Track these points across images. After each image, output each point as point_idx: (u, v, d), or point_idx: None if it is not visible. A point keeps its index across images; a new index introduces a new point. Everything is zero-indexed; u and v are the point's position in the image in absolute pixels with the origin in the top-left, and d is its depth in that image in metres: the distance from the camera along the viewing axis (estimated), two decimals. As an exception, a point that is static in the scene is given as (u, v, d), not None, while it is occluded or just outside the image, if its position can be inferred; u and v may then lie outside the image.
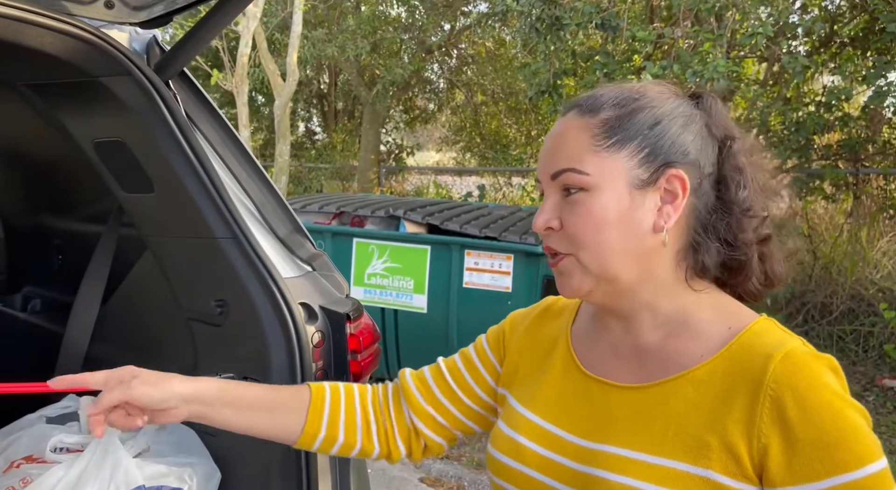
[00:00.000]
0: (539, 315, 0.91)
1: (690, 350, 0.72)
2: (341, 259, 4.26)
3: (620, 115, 0.73)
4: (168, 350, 1.62)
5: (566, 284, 0.75)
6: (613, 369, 0.78)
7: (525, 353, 0.88)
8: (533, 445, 0.78)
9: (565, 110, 0.77)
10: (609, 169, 0.71)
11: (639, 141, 0.72)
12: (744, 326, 0.71)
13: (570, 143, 0.73)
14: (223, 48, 7.81)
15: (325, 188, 9.84)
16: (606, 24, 5.14)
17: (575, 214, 0.72)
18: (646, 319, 0.76)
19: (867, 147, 5.47)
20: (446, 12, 9.78)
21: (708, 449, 0.66)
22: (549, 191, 0.75)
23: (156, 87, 1.36)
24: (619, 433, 0.72)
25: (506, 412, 0.85)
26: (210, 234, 1.40)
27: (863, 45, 5.32)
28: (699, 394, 0.69)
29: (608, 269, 0.72)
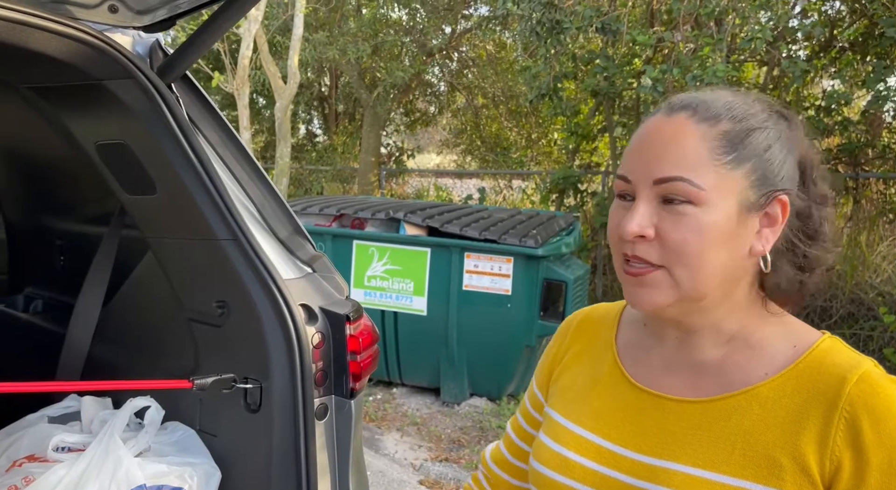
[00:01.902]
0: (580, 325, 0.89)
1: (753, 367, 0.71)
2: (341, 261, 4.27)
3: (738, 131, 0.69)
4: (169, 351, 1.63)
5: (646, 297, 0.70)
6: (666, 383, 0.75)
7: (567, 366, 0.86)
8: (583, 460, 0.76)
9: (670, 110, 0.72)
10: (725, 186, 0.68)
11: (754, 162, 0.69)
12: (809, 345, 0.70)
13: (687, 150, 0.68)
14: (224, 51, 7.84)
15: (326, 190, 9.86)
16: (607, 27, 5.16)
17: (681, 227, 0.67)
18: (709, 336, 0.73)
19: (867, 151, 5.49)
20: (447, 15, 9.81)
21: (780, 469, 0.65)
22: (645, 194, 0.69)
23: (158, 90, 1.38)
24: (681, 449, 0.70)
25: (548, 425, 0.82)
26: (211, 236, 1.41)
27: (862, 50, 5.34)
28: (767, 412, 0.68)
29: (699, 288, 0.69)
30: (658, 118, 0.72)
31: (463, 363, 4.09)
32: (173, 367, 1.54)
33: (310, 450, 1.37)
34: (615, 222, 0.72)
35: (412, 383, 4.40)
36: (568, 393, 0.83)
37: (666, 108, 0.73)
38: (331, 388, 1.45)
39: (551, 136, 9.75)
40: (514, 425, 0.95)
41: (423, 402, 4.24)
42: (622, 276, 0.72)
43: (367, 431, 3.79)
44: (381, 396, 4.29)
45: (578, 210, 6.67)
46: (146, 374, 1.54)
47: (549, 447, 0.79)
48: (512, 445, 0.93)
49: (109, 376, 1.61)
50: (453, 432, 3.80)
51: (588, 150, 7.62)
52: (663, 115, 0.72)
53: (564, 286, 4.03)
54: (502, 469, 0.94)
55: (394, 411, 4.09)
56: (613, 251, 0.73)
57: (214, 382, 1.36)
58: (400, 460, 3.53)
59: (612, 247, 0.74)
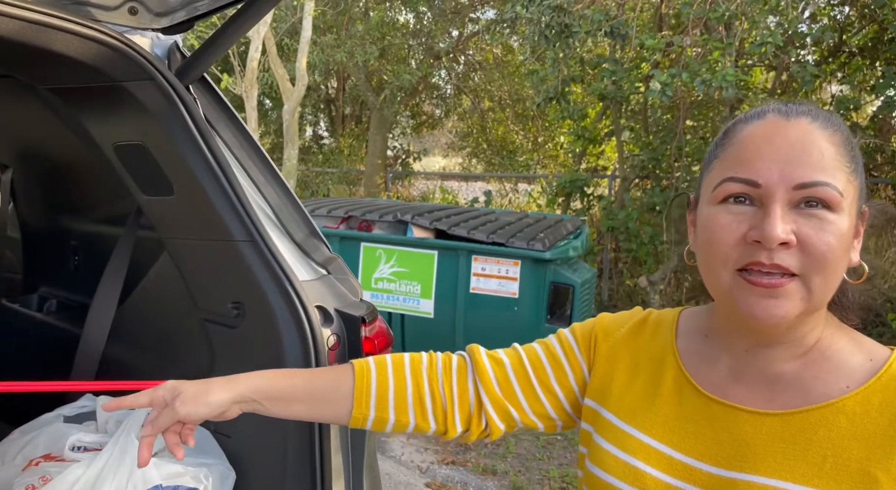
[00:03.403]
0: (636, 326, 0.85)
1: (832, 381, 0.70)
2: (349, 263, 4.24)
3: (852, 142, 0.70)
4: (184, 351, 1.63)
5: (778, 310, 0.66)
6: (736, 393, 0.73)
7: (620, 366, 0.83)
8: (653, 471, 0.73)
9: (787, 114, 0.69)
10: (851, 193, 0.67)
11: (861, 173, 0.70)
12: (885, 359, 0.70)
13: (824, 154, 0.66)
14: (233, 53, 7.87)
15: (332, 192, 9.88)
16: (615, 31, 5.16)
17: (825, 232, 0.65)
18: (787, 349, 0.72)
19: (876, 157, 5.47)
20: (454, 19, 9.83)
21: (876, 483, 0.64)
22: (781, 198, 0.65)
23: (177, 92, 1.38)
24: (763, 462, 0.68)
25: (607, 431, 0.79)
26: (228, 237, 1.41)
27: (872, 55, 5.32)
28: (856, 425, 0.67)
29: (825, 298, 0.67)
30: (773, 121, 0.69)
31: (470, 366, 4.09)
32: (188, 368, 1.55)
33: (325, 452, 1.37)
34: (733, 229, 0.67)
35: (419, 386, 4.40)
36: (626, 397, 0.80)
37: (778, 113, 0.69)
38: (345, 391, 1.45)
39: (558, 139, 9.75)
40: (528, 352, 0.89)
41: (430, 404, 4.24)
42: (740, 286, 0.67)
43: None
44: (387, 399, 4.29)
45: (585, 214, 6.67)
46: (161, 375, 1.54)
47: (613, 454, 0.76)
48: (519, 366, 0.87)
49: (124, 376, 1.61)
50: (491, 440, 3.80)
51: (595, 154, 7.61)
52: (778, 117, 0.69)
53: (572, 290, 4.03)
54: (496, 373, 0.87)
55: (400, 414, 4.08)
56: (723, 259, 0.68)
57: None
58: (406, 463, 3.53)
59: (723, 254, 0.68)
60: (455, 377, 0.88)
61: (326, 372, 0.90)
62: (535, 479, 3.34)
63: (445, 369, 0.88)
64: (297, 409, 0.86)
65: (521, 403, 0.86)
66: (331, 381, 0.87)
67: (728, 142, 0.72)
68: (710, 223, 0.69)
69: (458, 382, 0.87)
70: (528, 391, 0.86)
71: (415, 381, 0.87)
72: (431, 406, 0.86)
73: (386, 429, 0.87)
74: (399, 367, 0.88)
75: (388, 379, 0.87)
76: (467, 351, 0.91)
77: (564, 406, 0.86)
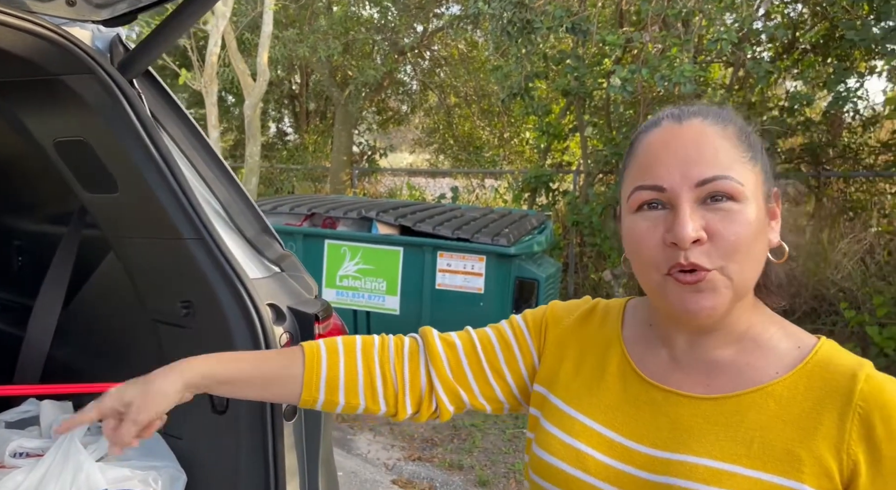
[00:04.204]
0: (584, 314, 0.88)
1: (763, 367, 0.73)
2: (313, 261, 4.23)
3: (746, 131, 0.73)
4: (132, 352, 1.60)
5: (707, 302, 0.69)
6: (676, 379, 0.76)
7: (569, 353, 0.85)
8: (597, 454, 0.76)
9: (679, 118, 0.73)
10: (752, 181, 0.71)
11: (761, 159, 0.73)
12: (811, 346, 0.74)
13: (718, 150, 0.70)
14: (191, 47, 7.70)
15: (297, 189, 9.76)
16: (577, 27, 5.21)
17: (732, 223, 0.68)
18: (721, 336, 0.75)
19: (828, 151, 5.64)
20: (419, 14, 9.79)
21: (800, 462, 0.67)
22: (686, 198, 0.69)
23: (119, 86, 1.34)
24: (697, 443, 0.71)
25: (553, 415, 0.81)
26: (176, 235, 1.38)
27: (823, 52, 5.47)
28: (783, 408, 0.70)
29: (748, 283, 0.71)
30: (669, 127, 0.73)
31: (436, 362, 4.09)
32: (137, 369, 1.50)
33: (278, 451, 1.35)
34: (651, 234, 0.70)
35: (385, 383, 4.39)
36: (573, 383, 0.82)
37: (672, 118, 0.74)
38: (299, 389, 1.43)
39: (523, 135, 9.81)
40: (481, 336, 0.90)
41: (396, 401, 4.23)
42: (672, 286, 0.70)
43: (339, 432, 3.77)
44: (353, 396, 4.27)
45: (550, 209, 6.72)
46: (109, 377, 1.50)
47: (558, 438, 0.79)
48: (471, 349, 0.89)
49: (70, 380, 1.57)
50: (426, 431, 3.80)
51: (559, 150, 7.68)
52: (673, 122, 0.73)
53: (536, 284, 4.06)
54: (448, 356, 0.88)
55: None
56: (650, 264, 0.71)
57: (179, 384, 1.34)
58: (373, 460, 3.52)
59: (649, 260, 0.71)
60: (407, 360, 0.89)
61: (276, 355, 0.91)
62: (501, 472, 3.36)
63: (398, 352, 0.89)
64: (245, 391, 0.86)
65: (472, 386, 0.88)
66: (280, 364, 0.87)
67: (633, 153, 0.76)
68: (631, 232, 0.73)
69: (410, 365, 0.88)
70: (478, 374, 0.88)
71: (366, 364, 0.87)
72: (382, 388, 0.87)
73: (336, 410, 0.88)
74: (350, 350, 0.88)
75: (338, 362, 0.87)
76: (420, 333, 0.92)
77: (513, 390, 0.88)
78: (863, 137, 5.73)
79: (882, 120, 5.59)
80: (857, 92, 4.86)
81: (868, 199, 5.60)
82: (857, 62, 5.41)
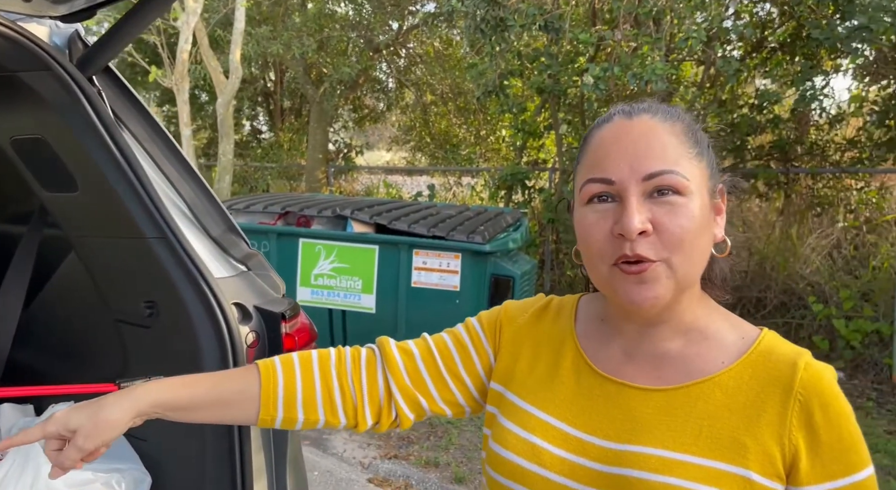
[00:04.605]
0: (538, 312, 0.89)
1: (710, 357, 0.75)
2: (287, 260, 4.20)
3: (694, 128, 0.76)
4: (96, 353, 1.57)
5: (649, 292, 0.71)
6: (628, 372, 0.78)
7: (524, 350, 0.86)
8: (552, 448, 0.77)
9: (628, 114, 0.75)
10: (698, 176, 0.73)
11: (707, 156, 0.75)
12: (755, 336, 0.76)
13: (665, 145, 0.72)
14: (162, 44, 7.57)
15: (272, 188, 9.67)
16: (550, 25, 5.23)
17: (677, 216, 0.70)
18: (668, 329, 0.77)
19: (796, 148, 5.74)
20: (394, 11, 9.76)
21: (745, 449, 0.70)
22: (634, 191, 0.71)
23: (78, 84, 1.32)
24: (649, 434, 0.73)
25: (509, 411, 0.82)
26: (138, 234, 1.36)
27: (791, 50, 5.57)
28: (729, 397, 0.72)
29: (692, 275, 0.73)
30: (620, 122, 0.75)
31: (411, 360, 4.09)
32: (100, 371, 1.49)
33: (245, 451, 1.34)
34: (599, 226, 0.72)
35: (361, 381, 4.37)
36: (529, 379, 0.83)
37: (622, 114, 0.76)
38: (267, 388, 1.42)
39: (499, 133, 9.84)
40: (437, 341, 0.91)
41: (372, 400, 4.22)
42: (617, 277, 0.72)
43: (314, 432, 3.75)
44: (329, 396, 4.25)
45: (526, 206, 6.75)
46: (71, 379, 1.48)
47: (515, 434, 0.79)
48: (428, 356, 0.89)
49: (31, 382, 1.54)
50: (402, 430, 3.80)
51: (535, 147, 7.72)
52: (623, 118, 0.75)
53: (512, 281, 4.08)
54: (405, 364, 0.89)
55: (342, 410, 4.05)
56: (598, 256, 0.73)
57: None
58: (349, 459, 3.51)
59: (597, 252, 0.73)
60: (364, 371, 0.88)
61: (231, 377, 0.89)
62: (477, 469, 3.38)
63: (354, 364, 0.89)
64: (201, 416, 0.85)
65: (431, 391, 0.88)
66: (236, 386, 0.86)
67: (586, 147, 0.78)
68: (581, 223, 0.75)
69: (368, 376, 0.88)
70: (437, 379, 0.88)
71: (323, 379, 0.87)
72: (341, 402, 0.87)
73: (295, 427, 0.87)
74: (307, 366, 0.88)
75: (295, 379, 0.86)
76: (377, 343, 0.92)
77: (472, 392, 0.89)
78: (829, 135, 5.86)
79: (847, 117, 5.71)
80: (822, 90, 4.96)
81: (835, 195, 5.72)
82: (824, 61, 5.53)
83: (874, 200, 5.61)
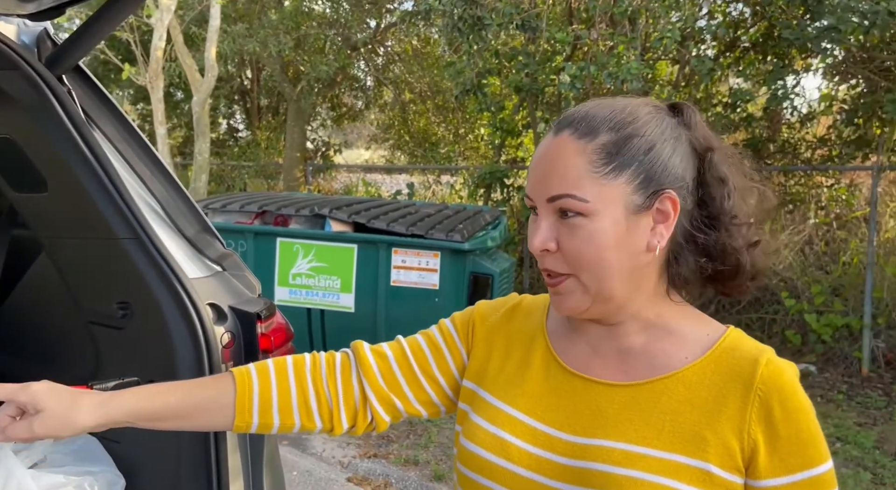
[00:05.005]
0: (509, 311, 0.91)
1: (674, 352, 0.77)
2: (265, 259, 4.17)
3: (617, 141, 0.74)
4: (68, 356, 1.55)
5: (564, 303, 0.77)
6: (596, 368, 0.80)
7: (496, 348, 0.88)
8: (521, 443, 0.78)
9: (557, 129, 0.77)
10: (607, 195, 0.73)
11: (635, 167, 0.73)
12: (720, 333, 0.78)
13: (568, 167, 0.73)
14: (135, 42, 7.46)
15: (250, 187, 9.58)
16: (527, 24, 5.26)
17: (576, 238, 0.73)
18: (630, 326, 0.79)
19: (769, 146, 5.85)
20: (371, 9, 9.72)
21: (706, 443, 0.71)
22: (544, 211, 0.75)
23: (47, 83, 1.31)
24: (614, 428, 0.75)
25: (481, 408, 0.83)
26: (110, 235, 1.35)
27: (763, 50, 5.67)
28: (691, 392, 0.74)
29: (605, 289, 0.75)
30: (548, 139, 0.77)
31: (391, 359, 4.09)
32: (72, 373, 1.47)
33: (221, 452, 1.34)
34: (531, 237, 0.77)
35: (340, 381, 4.36)
36: (500, 376, 0.85)
37: (555, 127, 0.78)
38: (243, 388, 1.42)
39: (478, 131, 9.86)
40: (411, 344, 0.91)
41: (352, 399, 4.21)
42: (547, 283, 0.78)
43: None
44: (308, 395, 4.23)
45: (505, 204, 6.78)
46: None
47: (486, 430, 0.80)
48: (402, 357, 0.90)
49: (2, 386, 1.51)
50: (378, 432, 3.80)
51: (514, 146, 7.75)
52: (552, 134, 0.77)
53: (491, 279, 4.10)
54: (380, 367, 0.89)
55: (321, 410, 4.04)
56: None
57: (116, 386, 1.29)
58: (328, 459, 3.50)
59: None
60: (339, 375, 0.89)
61: (205, 385, 0.90)
62: (456, 466, 3.39)
63: (329, 368, 0.90)
64: (176, 424, 0.86)
65: (406, 393, 0.89)
66: (210, 393, 0.87)
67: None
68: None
69: (343, 380, 0.89)
70: (411, 380, 0.89)
71: (299, 384, 0.88)
72: (317, 407, 0.87)
73: (270, 431, 0.88)
74: (282, 372, 0.88)
75: (270, 385, 0.87)
76: (351, 347, 0.93)
77: (446, 391, 0.90)
78: (801, 133, 5.97)
79: (818, 116, 5.83)
80: (794, 89, 5.06)
81: (806, 192, 5.84)
82: (795, 60, 5.63)
83: (844, 197, 5.73)
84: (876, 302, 4.70)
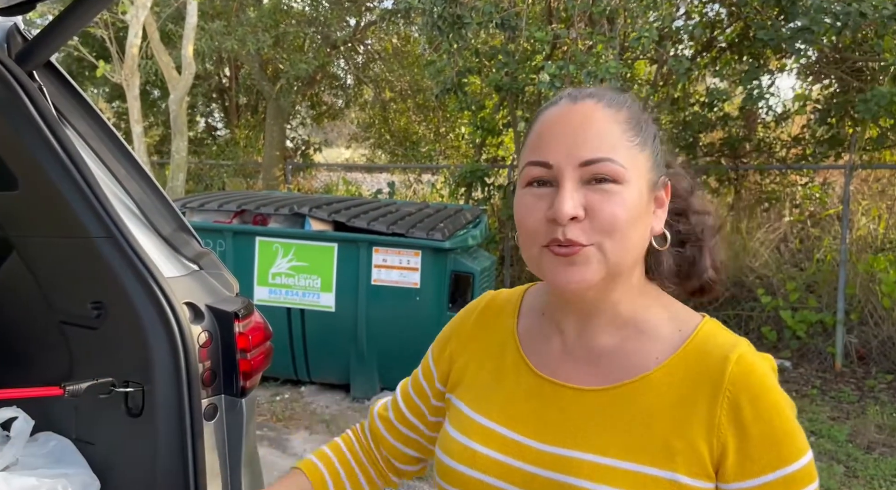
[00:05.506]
0: (481, 315, 0.89)
1: (646, 352, 0.74)
2: (244, 259, 4.13)
3: (639, 118, 0.74)
4: (40, 356, 1.53)
5: (577, 275, 0.70)
6: (567, 371, 0.77)
7: (472, 356, 0.87)
8: (489, 451, 0.76)
9: (573, 98, 0.74)
10: (638, 165, 0.72)
11: (652, 147, 0.74)
12: (692, 328, 0.75)
13: (603, 132, 0.71)
14: (110, 38, 7.33)
15: (228, 186, 9.48)
16: (506, 23, 5.28)
17: (611, 203, 0.69)
18: (604, 321, 0.76)
19: (745, 145, 5.94)
20: (351, 7, 9.67)
21: (674, 452, 0.69)
22: (570, 176, 0.70)
23: (17, 78, 1.28)
24: (583, 438, 0.72)
25: (454, 416, 0.83)
26: (83, 233, 1.33)
27: (739, 50, 5.75)
28: (661, 397, 0.71)
29: (623, 262, 0.72)
30: (564, 106, 0.74)
31: (373, 358, 4.08)
32: (45, 374, 1.44)
33: (198, 452, 1.32)
34: (535, 209, 0.72)
35: (321, 381, 4.34)
36: (474, 384, 0.84)
37: (569, 98, 0.75)
38: (220, 388, 1.41)
39: (458, 130, 9.86)
40: (402, 391, 0.97)
41: (333, 399, 4.20)
42: (547, 258, 0.72)
43: (273, 432, 3.70)
44: (288, 395, 4.21)
45: (486, 203, 6.79)
46: (14, 383, 1.43)
47: (456, 439, 0.79)
48: (397, 410, 0.96)
49: (-28, 388, 1.48)
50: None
51: (494, 145, 7.77)
52: (569, 102, 0.74)
53: (472, 278, 4.11)
54: (385, 428, 0.96)
55: (302, 410, 4.02)
56: (531, 237, 0.73)
57: (90, 388, 1.29)
58: (308, 459, 3.48)
59: (530, 233, 0.73)
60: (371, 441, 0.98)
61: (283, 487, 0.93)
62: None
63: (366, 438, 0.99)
64: None
65: (421, 442, 0.94)
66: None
67: (531, 130, 0.77)
68: (518, 206, 0.75)
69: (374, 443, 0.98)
70: (409, 426, 0.94)
71: (356, 459, 0.96)
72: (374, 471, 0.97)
73: None
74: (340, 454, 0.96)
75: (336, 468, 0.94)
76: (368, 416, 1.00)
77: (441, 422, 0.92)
78: (776, 132, 6.07)
79: (792, 116, 5.93)
80: (769, 89, 5.14)
81: (781, 191, 5.94)
82: (770, 61, 5.72)
83: (818, 195, 5.84)
84: (849, 298, 4.80)
